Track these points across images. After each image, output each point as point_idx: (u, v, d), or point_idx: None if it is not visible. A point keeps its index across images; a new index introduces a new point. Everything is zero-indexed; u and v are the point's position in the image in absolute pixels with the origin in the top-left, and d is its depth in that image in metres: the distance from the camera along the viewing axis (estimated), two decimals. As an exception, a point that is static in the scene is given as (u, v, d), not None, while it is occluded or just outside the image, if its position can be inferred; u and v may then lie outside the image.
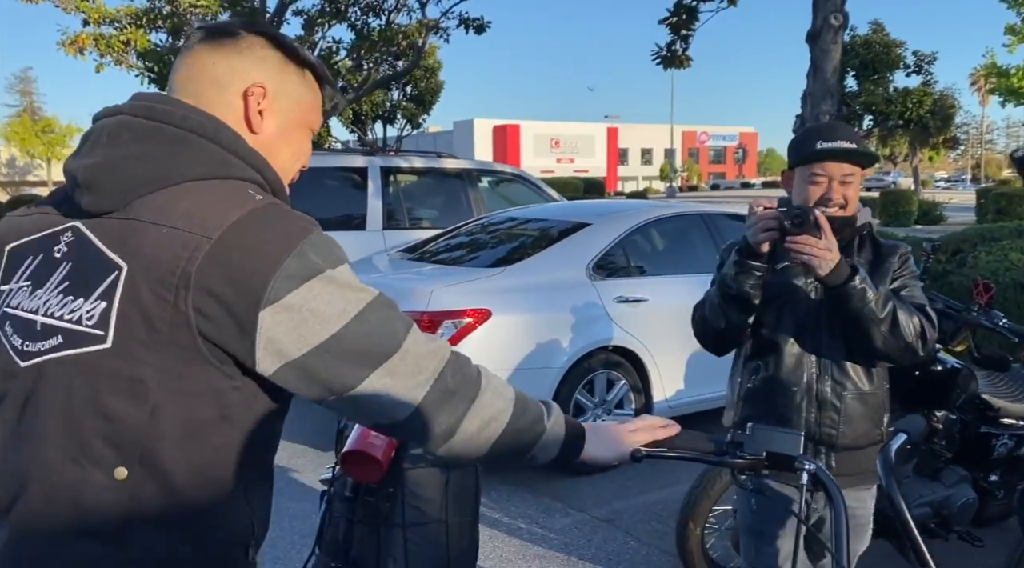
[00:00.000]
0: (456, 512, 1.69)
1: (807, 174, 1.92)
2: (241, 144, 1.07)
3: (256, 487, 1.10)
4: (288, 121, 1.14)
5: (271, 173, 1.10)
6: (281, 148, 1.14)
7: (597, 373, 4.29)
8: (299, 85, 1.15)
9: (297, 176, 1.22)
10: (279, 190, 1.12)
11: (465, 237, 5.13)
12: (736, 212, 5.37)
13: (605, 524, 3.69)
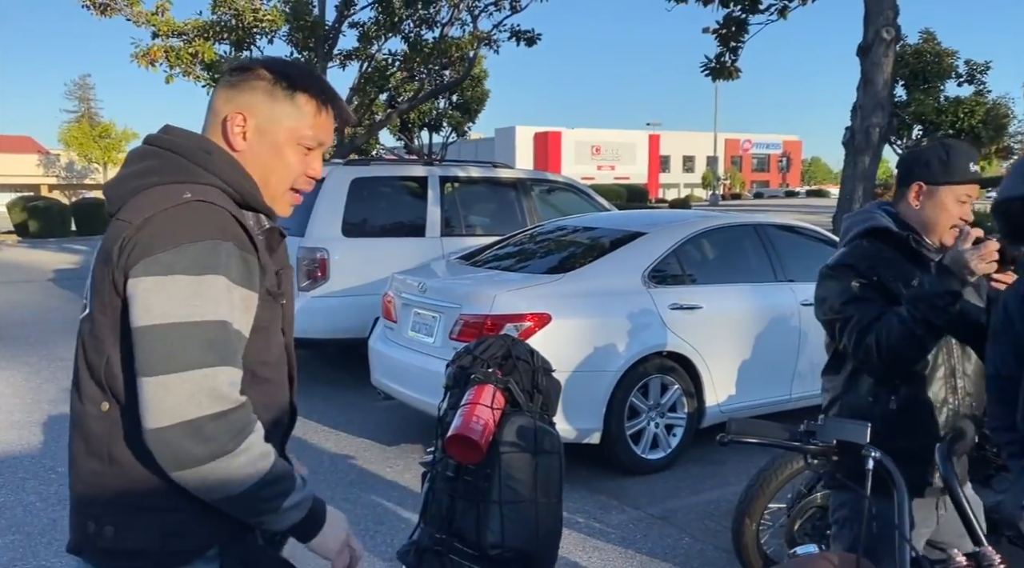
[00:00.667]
0: (544, 493, 1.90)
1: (958, 195, 1.95)
2: (210, 159, 1.29)
3: None
4: (273, 140, 1.34)
5: (239, 181, 1.30)
6: (271, 162, 1.35)
7: (651, 377, 4.45)
8: (285, 109, 1.33)
9: (309, 185, 1.40)
10: (248, 194, 1.31)
11: (523, 244, 5.33)
12: (787, 223, 5.49)
13: (660, 521, 3.85)
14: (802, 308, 4.93)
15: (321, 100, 1.36)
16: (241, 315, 1.24)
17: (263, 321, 1.31)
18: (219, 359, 1.17)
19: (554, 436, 1.96)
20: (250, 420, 1.21)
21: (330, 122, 1.38)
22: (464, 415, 1.84)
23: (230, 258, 1.22)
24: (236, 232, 1.25)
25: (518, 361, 1.99)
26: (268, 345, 1.35)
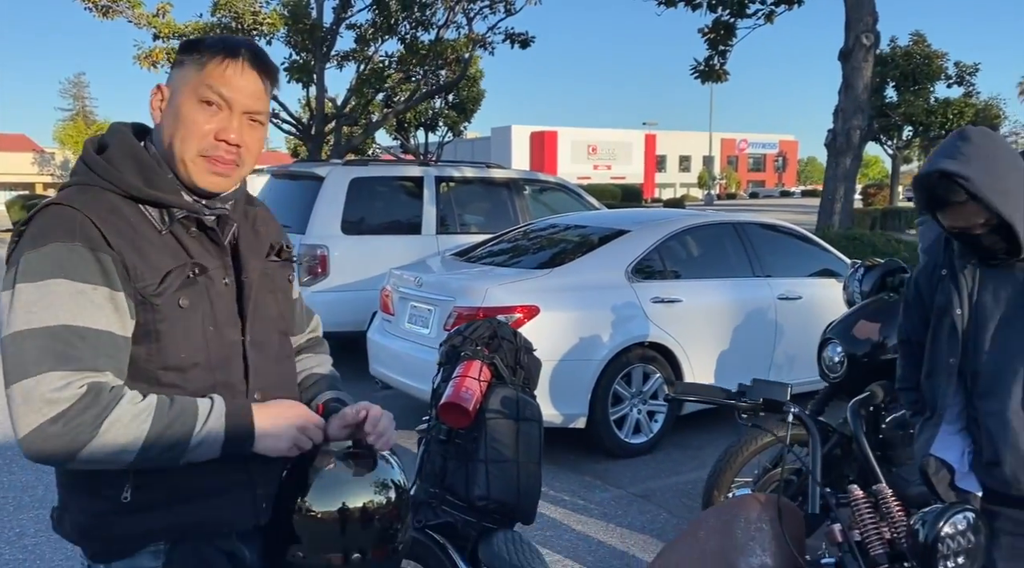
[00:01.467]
0: (525, 455, 2.18)
1: None
2: (97, 157, 1.29)
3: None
4: (176, 102, 1.29)
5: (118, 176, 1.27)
6: (174, 125, 1.29)
7: (634, 366, 4.73)
8: (188, 70, 1.29)
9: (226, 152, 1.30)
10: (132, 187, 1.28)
11: (514, 241, 5.61)
12: (766, 222, 5.77)
13: (640, 499, 4.14)
14: (778, 302, 5.22)
15: (222, 54, 1.29)
16: (98, 313, 1.20)
17: (148, 324, 1.26)
18: (52, 364, 1.16)
19: (534, 406, 2.24)
20: (103, 402, 1.18)
21: (238, 77, 1.29)
22: (455, 386, 2.12)
23: (75, 258, 1.20)
24: (88, 233, 1.22)
25: (503, 341, 2.28)
26: (169, 348, 1.28)
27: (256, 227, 1.45)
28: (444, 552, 2.13)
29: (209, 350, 1.31)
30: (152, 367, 1.27)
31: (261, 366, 1.39)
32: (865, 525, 1.52)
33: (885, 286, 3.53)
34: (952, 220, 1.71)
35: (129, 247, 1.25)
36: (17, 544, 3.45)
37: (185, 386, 1.29)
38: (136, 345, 1.26)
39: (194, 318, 1.30)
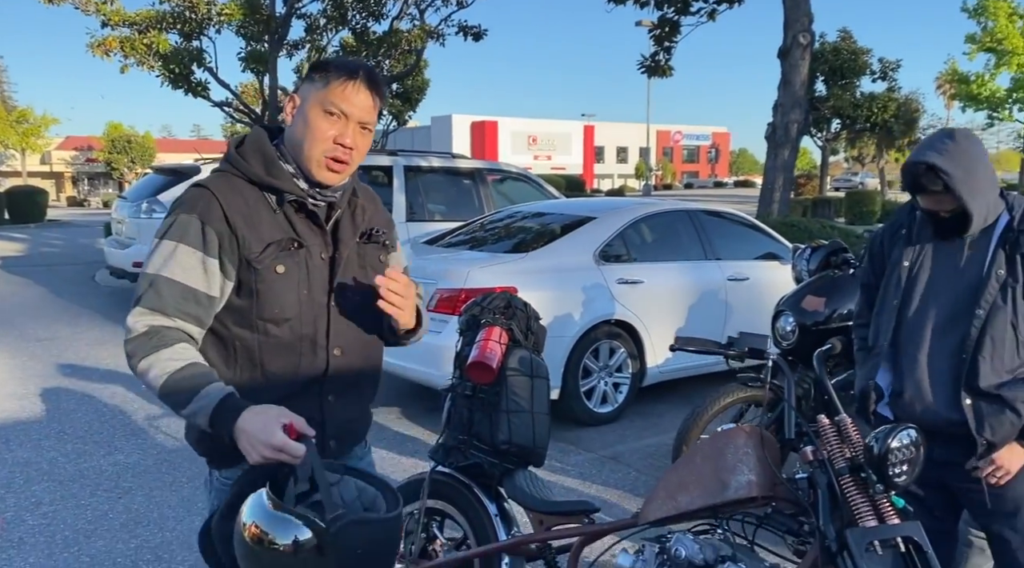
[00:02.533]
0: (539, 406, 2.54)
1: None
2: (234, 150, 1.63)
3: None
4: (304, 112, 1.60)
5: (246, 167, 1.60)
6: (303, 130, 1.60)
7: (601, 342, 5.13)
8: (315, 86, 1.60)
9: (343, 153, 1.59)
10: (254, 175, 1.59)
11: (486, 228, 5.95)
12: (714, 209, 6.25)
13: (611, 461, 4.55)
14: (728, 283, 5.70)
15: (344, 75, 1.58)
16: (187, 273, 1.53)
17: (250, 283, 1.56)
18: (141, 301, 1.53)
19: (544, 365, 2.60)
20: (152, 343, 1.50)
21: (355, 95, 1.58)
22: (480, 347, 2.46)
23: (188, 228, 1.54)
24: (207, 209, 1.54)
25: (516, 310, 2.62)
26: (267, 303, 1.57)
27: (355, 214, 1.73)
28: (470, 491, 2.48)
29: (301, 309, 1.61)
30: (252, 317, 1.58)
31: (342, 327, 1.67)
32: (831, 446, 1.91)
33: (829, 264, 4.00)
34: (926, 204, 2.10)
35: (243, 222, 1.56)
36: (36, 512, 3.64)
37: (279, 335, 1.59)
38: (240, 299, 1.58)
39: (289, 282, 1.59)
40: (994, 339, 2.05)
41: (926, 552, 1.85)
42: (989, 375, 2.06)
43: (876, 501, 1.83)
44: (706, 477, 2.01)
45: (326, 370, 1.64)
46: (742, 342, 2.07)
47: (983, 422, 2.08)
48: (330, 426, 1.67)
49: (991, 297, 2.06)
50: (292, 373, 1.61)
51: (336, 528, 1.35)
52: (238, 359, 1.60)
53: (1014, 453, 2.07)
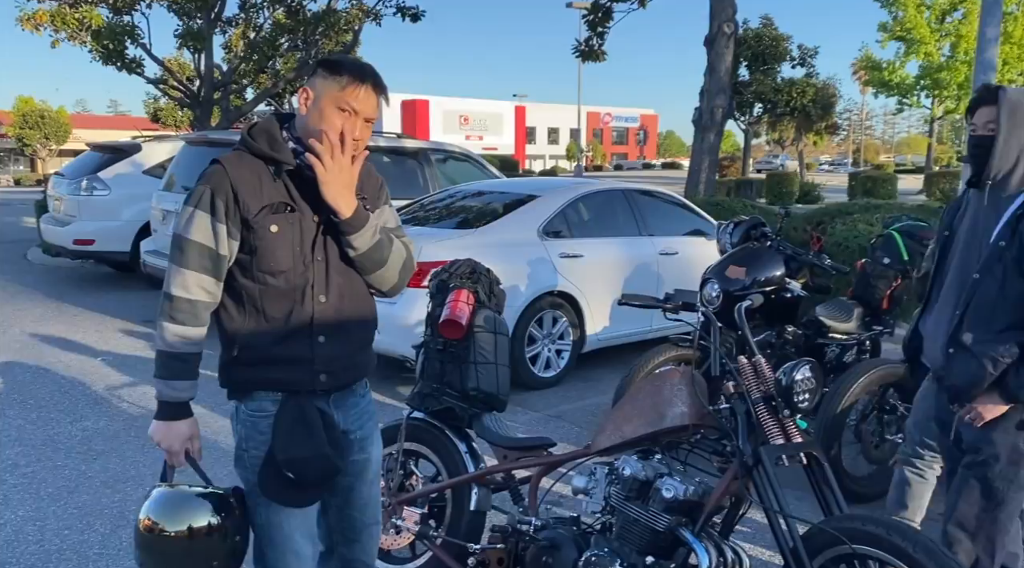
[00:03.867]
0: (501, 358, 2.90)
1: None
2: (246, 132, 1.94)
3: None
4: (320, 106, 1.87)
5: (253, 145, 1.90)
6: (314, 122, 1.87)
7: (545, 312, 5.52)
8: (330, 83, 1.87)
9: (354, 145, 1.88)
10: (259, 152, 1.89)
11: (435, 206, 6.25)
12: (647, 189, 6.70)
13: (555, 419, 4.96)
14: (660, 257, 6.16)
15: (357, 81, 1.87)
16: (206, 236, 1.84)
17: (251, 241, 1.87)
18: (180, 262, 1.86)
19: (505, 324, 2.96)
20: (179, 310, 1.86)
21: (367, 97, 1.88)
22: (451, 307, 2.81)
23: (203, 196, 1.85)
24: (218, 181, 1.85)
25: (480, 275, 2.97)
26: (263, 258, 1.88)
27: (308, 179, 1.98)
28: (443, 433, 2.83)
29: (294, 263, 1.90)
30: (253, 269, 1.90)
31: (330, 279, 1.96)
32: (748, 380, 2.33)
33: (749, 237, 4.47)
34: (977, 118, 2.30)
35: (246, 189, 1.87)
36: (15, 473, 3.81)
37: (276, 285, 1.90)
38: (244, 254, 1.90)
39: (283, 240, 1.89)
40: (982, 301, 2.25)
41: (823, 464, 2.30)
42: (971, 332, 2.27)
43: (784, 424, 2.25)
44: (647, 410, 2.41)
45: (313, 315, 1.94)
46: (677, 297, 2.48)
47: (951, 370, 2.33)
48: (319, 362, 1.95)
49: (989, 263, 2.24)
50: (286, 317, 1.92)
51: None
52: (245, 306, 1.92)
53: (988, 401, 2.28)
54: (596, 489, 2.44)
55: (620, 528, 2.31)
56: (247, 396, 1.96)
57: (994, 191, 2.30)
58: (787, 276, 4.29)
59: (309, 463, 1.91)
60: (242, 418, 1.97)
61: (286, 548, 1.97)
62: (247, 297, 1.92)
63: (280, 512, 1.95)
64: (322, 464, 1.93)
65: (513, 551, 2.51)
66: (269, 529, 1.96)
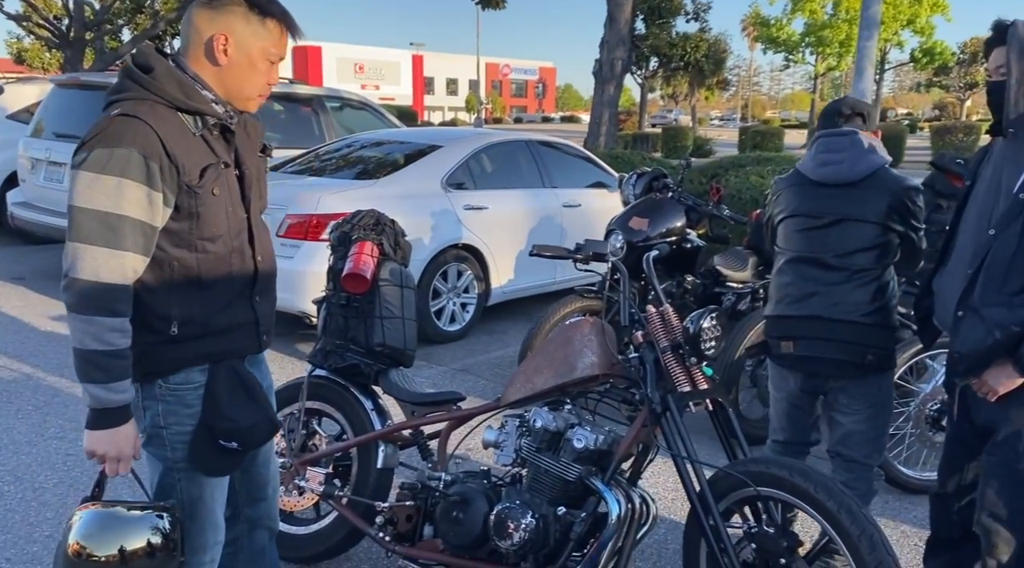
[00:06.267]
0: (408, 313, 2.81)
1: None
2: (149, 76, 1.67)
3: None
4: (249, 56, 1.72)
5: (173, 92, 1.67)
6: (246, 74, 1.74)
7: (450, 265, 5.44)
8: (257, 30, 1.71)
9: (267, 93, 1.81)
10: (182, 102, 1.68)
11: (332, 155, 5.99)
12: (550, 140, 6.66)
13: (461, 372, 4.93)
14: (563, 209, 6.16)
15: (285, 24, 1.76)
16: (142, 210, 1.61)
17: (191, 207, 1.69)
18: (112, 244, 1.58)
19: (412, 277, 2.87)
20: (119, 300, 1.61)
21: (287, 43, 1.78)
22: (354, 260, 2.68)
23: (129, 162, 1.58)
24: (146, 142, 1.60)
25: (385, 226, 2.85)
26: (206, 224, 1.73)
27: (248, 130, 1.88)
28: (347, 390, 2.73)
29: (229, 225, 1.79)
30: (193, 238, 1.74)
31: (260, 236, 1.89)
32: (656, 329, 2.34)
33: (652, 189, 4.52)
34: (990, 62, 2.08)
35: (181, 149, 1.67)
36: None
37: (215, 251, 1.77)
38: (180, 222, 1.71)
39: (221, 202, 1.77)
40: (996, 260, 1.98)
41: (727, 410, 2.36)
42: (983, 294, 2.00)
43: (691, 371, 2.28)
44: (557, 361, 2.39)
45: (255, 276, 1.85)
46: (588, 247, 2.44)
47: (958, 335, 2.05)
48: (262, 323, 1.90)
49: (1007, 218, 1.97)
50: (227, 283, 1.80)
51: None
52: (175, 278, 1.73)
53: (1001, 373, 1.98)
54: (507, 442, 2.42)
55: (531, 480, 2.30)
56: (160, 374, 1.78)
57: (1016, 139, 2.01)
58: (687, 227, 4.37)
59: (257, 429, 1.84)
60: (159, 395, 1.79)
61: (206, 521, 1.88)
62: (180, 269, 1.73)
63: (202, 486, 1.85)
64: (268, 427, 1.88)
65: (423, 508, 2.47)
66: (190, 505, 1.84)
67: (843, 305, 2.54)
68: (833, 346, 2.54)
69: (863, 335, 2.52)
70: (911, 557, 2.94)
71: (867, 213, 2.51)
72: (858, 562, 1.91)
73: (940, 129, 24.68)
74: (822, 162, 2.59)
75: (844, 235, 2.54)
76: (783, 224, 2.70)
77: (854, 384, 2.58)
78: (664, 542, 2.99)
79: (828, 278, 2.56)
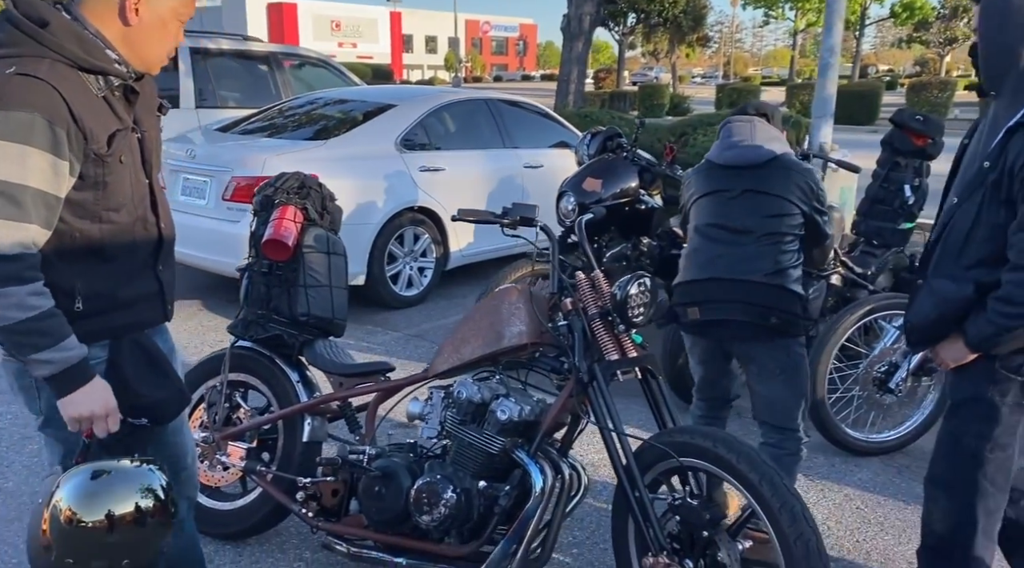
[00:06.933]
0: (336, 281, 2.70)
1: None
2: (45, 31, 1.52)
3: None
4: (160, 16, 1.64)
5: (74, 50, 1.54)
6: (157, 34, 1.66)
7: (406, 228, 5.31)
8: None
9: (172, 53, 1.73)
10: (84, 61, 1.56)
11: (283, 115, 5.80)
12: (512, 99, 6.49)
13: (416, 338, 4.84)
14: (524, 170, 6.03)
15: None
16: (46, 180, 1.49)
17: (98, 177, 1.59)
18: (13, 216, 1.47)
19: (341, 243, 2.74)
20: (29, 267, 1.50)
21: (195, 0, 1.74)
22: (275, 226, 2.56)
23: (33, 128, 1.46)
24: (50, 105, 1.48)
25: (311, 189, 2.72)
26: (113, 194, 1.63)
27: (146, 90, 1.75)
28: (271, 361, 2.64)
29: (133, 193, 1.70)
30: (98, 209, 1.63)
31: (162, 202, 1.81)
32: (585, 296, 2.25)
33: (606, 149, 4.39)
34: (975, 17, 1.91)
35: (88, 113, 1.56)
36: None
37: (119, 221, 1.68)
38: (84, 192, 1.60)
39: (127, 169, 1.67)
40: (955, 230, 1.89)
41: (657, 379, 2.29)
42: (938, 264, 1.93)
43: (620, 339, 2.21)
44: (485, 330, 2.30)
45: (159, 244, 1.78)
46: (515, 211, 2.33)
47: (912, 304, 1.99)
48: (167, 293, 1.83)
49: (971, 186, 1.86)
50: (132, 254, 1.72)
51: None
52: (77, 251, 1.63)
53: (952, 347, 1.90)
54: (432, 414, 2.34)
55: (455, 453, 2.23)
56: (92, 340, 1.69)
57: (998, 104, 1.87)
58: (642, 187, 4.26)
59: (168, 403, 1.81)
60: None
61: None
62: (83, 241, 1.63)
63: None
64: (179, 398, 1.85)
65: (349, 482, 2.40)
66: None
67: (746, 264, 2.55)
68: (738, 308, 2.54)
69: (765, 296, 2.52)
70: (853, 520, 2.92)
71: (773, 188, 2.58)
72: (779, 534, 1.87)
73: (915, 85, 24.58)
74: (728, 145, 2.68)
75: (752, 203, 2.60)
76: (695, 205, 2.75)
77: (762, 351, 2.57)
78: (604, 510, 2.95)
79: (734, 240, 2.60)
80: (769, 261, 2.54)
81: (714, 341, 2.67)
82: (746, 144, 2.65)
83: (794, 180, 2.59)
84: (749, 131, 2.69)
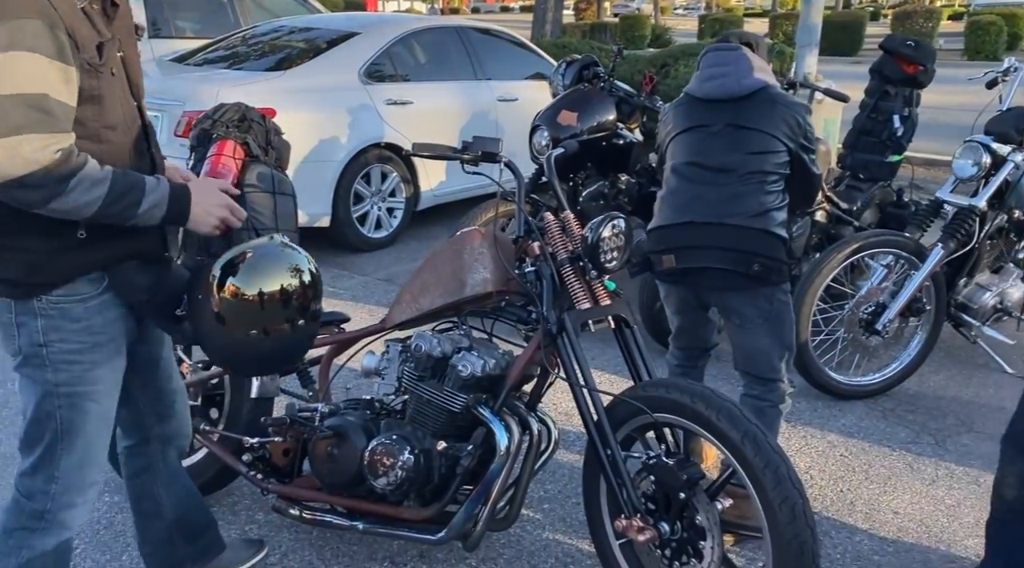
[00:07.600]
0: (284, 224, 2.46)
1: None
2: None
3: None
4: None
5: None
6: None
7: (372, 166, 5.04)
8: None
9: None
10: None
11: (240, 45, 5.44)
12: (485, 27, 6.14)
13: (385, 282, 4.64)
14: (498, 103, 5.73)
15: None
16: (60, 86, 1.42)
17: (93, 90, 1.49)
18: (32, 128, 1.38)
19: (288, 182, 2.50)
20: (73, 165, 1.44)
21: None
22: (211, 163, 2.30)
23: (39, 35, 1.38)
24: (44, 10, 1.39)
25: (252, 122, 2.46)
26: (109, 109, 1.54)
27: (122, 7, 1.62)
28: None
29: (124, 114, 1.60)
30: (96, 126, 1.53)
31: (151, 128, 1.71)
32: (555, 240, 2.06)
33: (582, 79, 4.13)
34: None
35: (77, 20, 1.46)
36: None
37: (116, 142, 1.57)
38: (83, 107, 1.49)
39: (118, 84, 1.57)
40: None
41: (632, 328, 2.11)
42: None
43: (592, 286, 2.02)
44: (445, 278, 2.11)
45: (153, 172, 1.67)
46: (476, 145, 2.11)
47: None
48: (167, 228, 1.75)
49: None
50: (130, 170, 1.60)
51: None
52: None
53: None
54: (389, 369, 2.17)
55: (413, 411, 2.07)
56: (52, 286, 1.58)
57: None
58: (620, 121, 4.02)
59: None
60: (39, 310, 1.59)
61: (85, 457, 1.69)
62: None
63: (86, 415, 1.66)
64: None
65: (301, 441, 2.23)
66: (69, 437, 1.66)
67: (727, 206, 2.34)
68: (717, 254, 2.34)
69: (748, 241, 2.32)
70: (837, 469, 2.82)
71: (758, 122, 2.38)
72: (762, 497, 1.73)
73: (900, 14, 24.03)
74: (709, 76, 2.46)
75: (734, 138, 2.38)
76: (672, 142, 2.52)
77: (743, 301, 2.37)
78: (577, 462, 2.81)
79: (714, 179, 2.38)
80: (752, 202, 2.33)
81: (691, 291, 2.48)
82: (727, 74, 2.42)
83: (780, 114, 2.37)
84: (733, 61, 2.45)
